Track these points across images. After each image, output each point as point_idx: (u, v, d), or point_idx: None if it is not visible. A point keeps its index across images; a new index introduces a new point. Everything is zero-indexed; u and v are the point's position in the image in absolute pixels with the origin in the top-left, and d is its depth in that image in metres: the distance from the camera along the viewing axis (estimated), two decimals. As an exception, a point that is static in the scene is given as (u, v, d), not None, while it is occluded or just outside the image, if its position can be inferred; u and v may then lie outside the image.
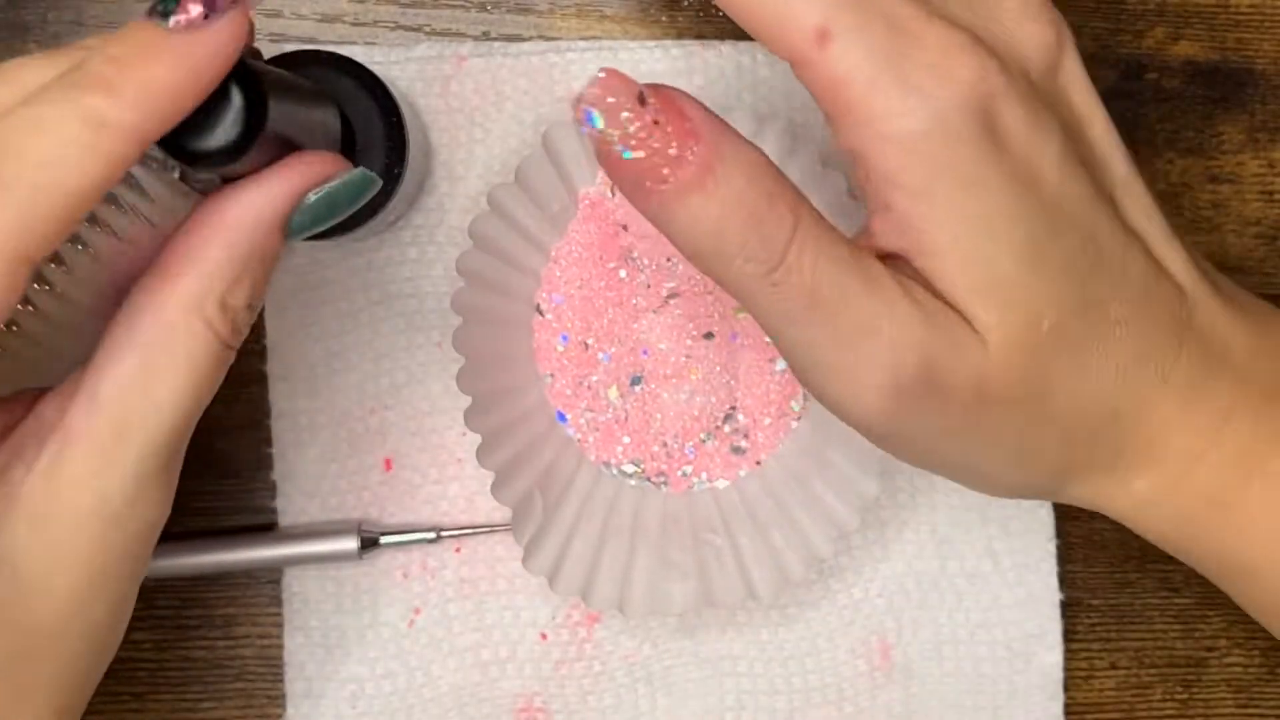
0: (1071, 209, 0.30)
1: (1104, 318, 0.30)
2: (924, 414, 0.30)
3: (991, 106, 0.29)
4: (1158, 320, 0.31)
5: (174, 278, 0.27)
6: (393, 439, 0.41)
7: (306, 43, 0.41)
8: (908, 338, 0.29)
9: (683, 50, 0.41)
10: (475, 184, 0.40)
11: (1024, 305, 0.30)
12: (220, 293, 0.27)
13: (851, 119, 0.29)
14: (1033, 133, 0.30)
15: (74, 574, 0.27)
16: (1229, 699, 0.42)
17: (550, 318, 0.40)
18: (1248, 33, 0.42)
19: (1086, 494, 0.33)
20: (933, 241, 0.29)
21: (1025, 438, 0.31)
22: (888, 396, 0.29)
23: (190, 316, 0.27)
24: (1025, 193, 0.29)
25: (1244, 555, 0.32)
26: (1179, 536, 0.33)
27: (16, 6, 0.40)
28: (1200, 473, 0.32)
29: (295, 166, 0.28)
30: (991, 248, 0.29)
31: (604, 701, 0.41)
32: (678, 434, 0.40)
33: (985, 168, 0.29)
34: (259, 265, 0.28)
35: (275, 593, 0.41)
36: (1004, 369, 0.30)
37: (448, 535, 0.40)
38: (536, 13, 0.41)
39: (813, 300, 0.28)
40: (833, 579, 0.41)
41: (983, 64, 0.29)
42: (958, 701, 0.41)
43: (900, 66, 0.28)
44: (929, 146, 0.28)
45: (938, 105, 0.28)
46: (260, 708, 0.41)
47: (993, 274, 0.29)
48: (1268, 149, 0.43)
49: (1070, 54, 0.31)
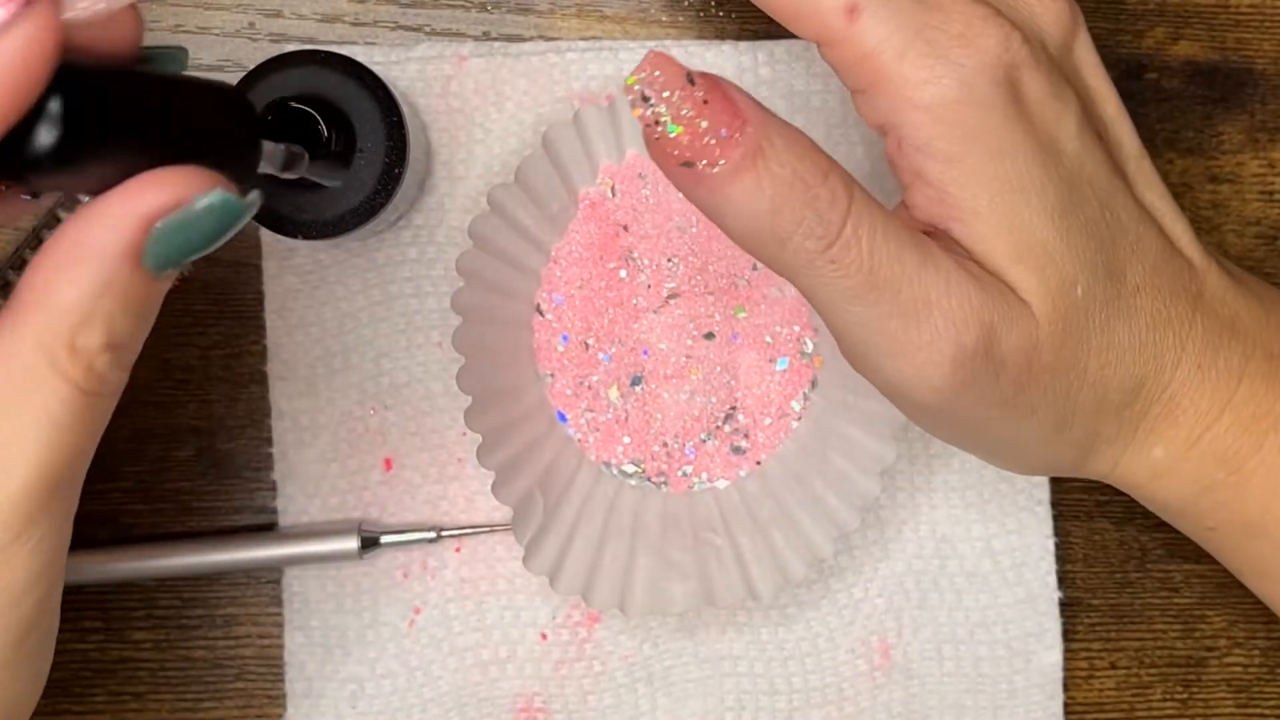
0: (1090, 178, 0.31)
1: (1124, 285, 0.31)
2: (979, 386, 0.30)
3: (1015, 75, 0.30)
4: (1172, 288, 0.32)
5: (21, 313, 0.24)
6: (393, 439, 0.41)
7: (306, 43, 0.41)
8: (967, 308, 0.29)
9: (683, 50, 0.41)
10: (475, 184, 0.40)
11: (1059, 270, 0.30)
12: (68, 333, 0.24)
13: (883, 91, 0.30)
14: (1053, 102, 0.31)
15: None
16: (1229, 699, 0.42)
17: (550, 318, 0.40)
18: (1248, 33, 0.42)
19: (1106, 466, 0.33)
20: (971, 206, 0.30)
21: (1063, 408, 0.31)
22: (950, 369, 0.29)
23: (37, 362, 0.24)
24: (1049, 160, 0.30)
25: (1259, 516, 0.33)
26: (1195, 502, 0.33)
27: (17, 6, 0.40)
28: (1214, 435, 0.32)
29: (138, 187, 0.24)
30: (1026, 212, 0.30)
31: (604, 701, 0.41)
32: (678, 434, 0.40)
33: (1013, 135, 0.30)
34: (116, 302, 0.24)
35: (275, 593, 0.41)
36: (1049, 335, 0.30)
37: (448, 535, 0.40)
38: (536, 13, 0.41)
39: (871, 276, 0.29)
40: (833, 579, 0.41)
41: (1007, 34, 0.30)
42: (958, 701, 0.41)
43: (928, 37, 0.29)
44: (959, 113, 0.29)
45: (965, 72, 0.29)
46: (260, 708, 0.41)
47: (1029, 239, 0.30)
48: (1268, 149, 0.43)
49: (1084, 33, 0.33)
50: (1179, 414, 0.32)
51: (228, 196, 0.25)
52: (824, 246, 0.28)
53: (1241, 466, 0.32)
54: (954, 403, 0.30)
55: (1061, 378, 0.31)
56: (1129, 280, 0.31)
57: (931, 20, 0.30)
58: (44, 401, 0.24)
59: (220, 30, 0.41)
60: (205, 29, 0.41)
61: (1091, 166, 0.31)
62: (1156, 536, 0.42)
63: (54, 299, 0.24)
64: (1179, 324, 0.32)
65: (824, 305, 0.30)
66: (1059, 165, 0.31)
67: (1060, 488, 0.42)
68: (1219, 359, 0.32)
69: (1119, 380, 0.32)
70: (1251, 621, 0.42)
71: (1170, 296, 0.32)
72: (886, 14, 0.29)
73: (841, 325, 0.30)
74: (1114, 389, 0.32)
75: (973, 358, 0.29)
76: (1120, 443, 0.33)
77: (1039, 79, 0.30)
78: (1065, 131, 0.31)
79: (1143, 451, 0.33)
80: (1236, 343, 0.33)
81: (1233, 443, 0.32)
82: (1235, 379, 0.32)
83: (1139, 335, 0.32)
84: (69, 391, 0.24)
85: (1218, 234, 0.43)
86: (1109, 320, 0.31)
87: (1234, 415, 0.32)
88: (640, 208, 0.40)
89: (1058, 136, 0.31)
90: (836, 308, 0.29)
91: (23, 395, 0.24)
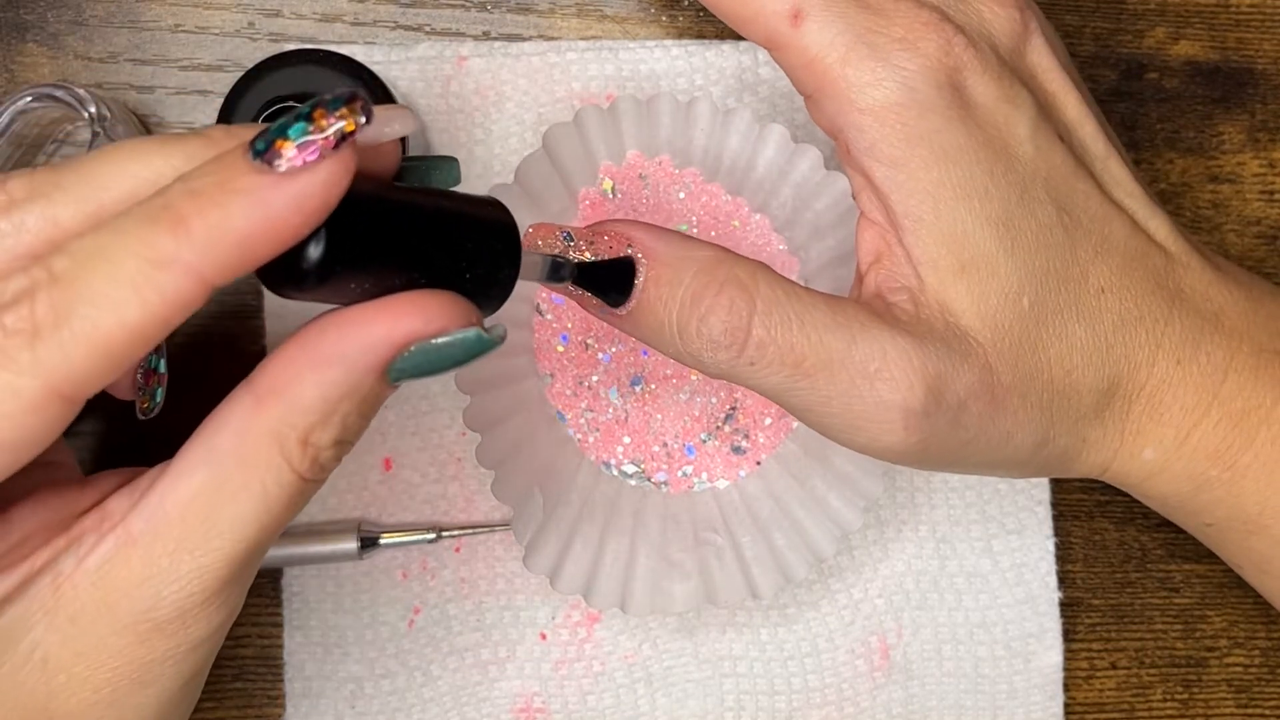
0: (1046, 180, 0.31)
1: (1085, 288, 0.31)
2: (941, 435, 0.30)
3: (959, 79, 0.30)
4: (1144, 286, 0.32)
5: (261, 403, 0.25)
6: (392, 439, 0.41)
7: (306, 43, 0.41)
8: (908, 371, 0.29)
9: (683, 50, 0.41)
10: (475, 184, 0.40)
11: (1001, 284, 0.30)
12: (304, 429, 0.25)
13: (827, 94, 0.30)
14: (1002, 104, 0.31)
15: (104, 675, 0.26)
16: (1229, 699, 0.42)
17: (550, 318, 0.40)
18: (1248, 33, 0.42)
19: (1098, 469, 0.34)
20: (916, 213, 0.30)
21: (1040, 425, 0.31)
22: (904, 433, 0.30)
23: (270, 448, 0.25)
24: (997, 164, 0.31)
25: (1257, 512, 0.33)
26: (1191, 499, 0.33)
27: (16, 6, 0.40)
28: (1203, 432, 0.32)
29: (405, 310, 0.25)
30: (970, 221, 0.30)
31: (603, 701, 0.41)
32: (678, 434, 0.40)
33: (958, 137, 0.30)
34: (353, 406, 0.26)
35: (275, 593, 0.40)
36: (999, 354, 0.30)
37: (447, 535, 0.40)
38: (536, 13, 0.41)
39: (799, 368, 0.30)
40: (833, 579, 0.41)
41: (949, 38, 0.30)
42: (958, 701, 0.41)
43: (871, 41, 0.30)
44: (902, 116, 0.30)
45: (907, 75, 0.30)
46: (260, 707, 0.41)
47: (973, 251, 0.30)
48: (1268, 149, 0.43)
49: (1036, 37, 0.33)
50: (1164, 412, 0.32)
51: (480, 334, 0.26)
52: (735, 354, 0.29)
53: (1235, 462, 0.32)
54: (922, 454, 0.31)
55: (1030, 395, 0.31)
56: (1091, 283, 0.31)
57: (874, 25, 0.30)
58: (264, 484, 0.25)
59: (219, 30, 0.41)
60: (204, 28, 0.41)
61: (1047, 169, 0.31)
62: (1156, 536, 0.42)
63: (297, 396, 0.25)
64: (1152, 321, 0.32)
65: (770, 396, 0.31)
66: (1009, 170, 0.31)
67: (1060, 488, 0.42)
68: (1199, 354, 0.32)
69: (1090, 383, 0.32)
70: (1252, 621, 0.42)
71: (1142, 294, 0.32)
72: (830, 18, 0.30)
73: (792, 410, 0.31)
74: (1086, 393, 0.32)
75: (924, 416, 0.30)
76: (1108, 446, 0.33)
77: (986, 83, 0.31)
78: (1016, 135, 0.31)
79: (1134, 454, 0.33)
80: (1220, 336, 0.33)
81: (1223, 438, 0.32)
82: (1220, 374, 0.32)
83: (1104, 337, 0.31)
84: (291, 479, 0.25)
85: (1218, 234, 0.43)
86: (1066, 326, 0.31)
87: (1222, 410, 0.32)
88: (640, 208, 0.40)
89: (1009, 140, 0.31)
90: (780, 398, 0.30)
91: (247, 473, 0.25)
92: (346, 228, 0.24)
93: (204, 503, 0.25)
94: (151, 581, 0.25)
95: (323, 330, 0.25)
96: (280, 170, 0.23)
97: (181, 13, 0.41)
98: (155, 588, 0.25)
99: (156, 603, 0.25)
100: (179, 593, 0.25)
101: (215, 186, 0.23)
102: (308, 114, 0.23)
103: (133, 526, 0.25)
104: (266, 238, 0.23)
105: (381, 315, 0.25)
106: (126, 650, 0.26)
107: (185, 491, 0.25)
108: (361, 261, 0.25)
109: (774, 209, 0.39)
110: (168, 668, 0.26)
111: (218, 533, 0.25)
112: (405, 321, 0.25)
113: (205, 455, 0.25)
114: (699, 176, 0.39)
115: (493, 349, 0.26)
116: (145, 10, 0.41)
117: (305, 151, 0.23)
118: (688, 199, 0.39)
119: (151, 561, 0.25)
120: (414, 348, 0.25)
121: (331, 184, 0.23)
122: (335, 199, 0.23)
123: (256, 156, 0.23)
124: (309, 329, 0.25)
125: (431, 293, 0.26)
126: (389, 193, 0.26)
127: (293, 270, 0.24)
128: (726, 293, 0.29)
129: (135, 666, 0.26)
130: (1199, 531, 0.35)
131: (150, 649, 0.26)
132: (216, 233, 0.23)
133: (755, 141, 0.38)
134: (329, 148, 0.23)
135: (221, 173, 0.23)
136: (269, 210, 0.23)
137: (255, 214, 0.23)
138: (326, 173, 0.23)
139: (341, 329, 0.25)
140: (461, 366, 0.26)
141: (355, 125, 0.23)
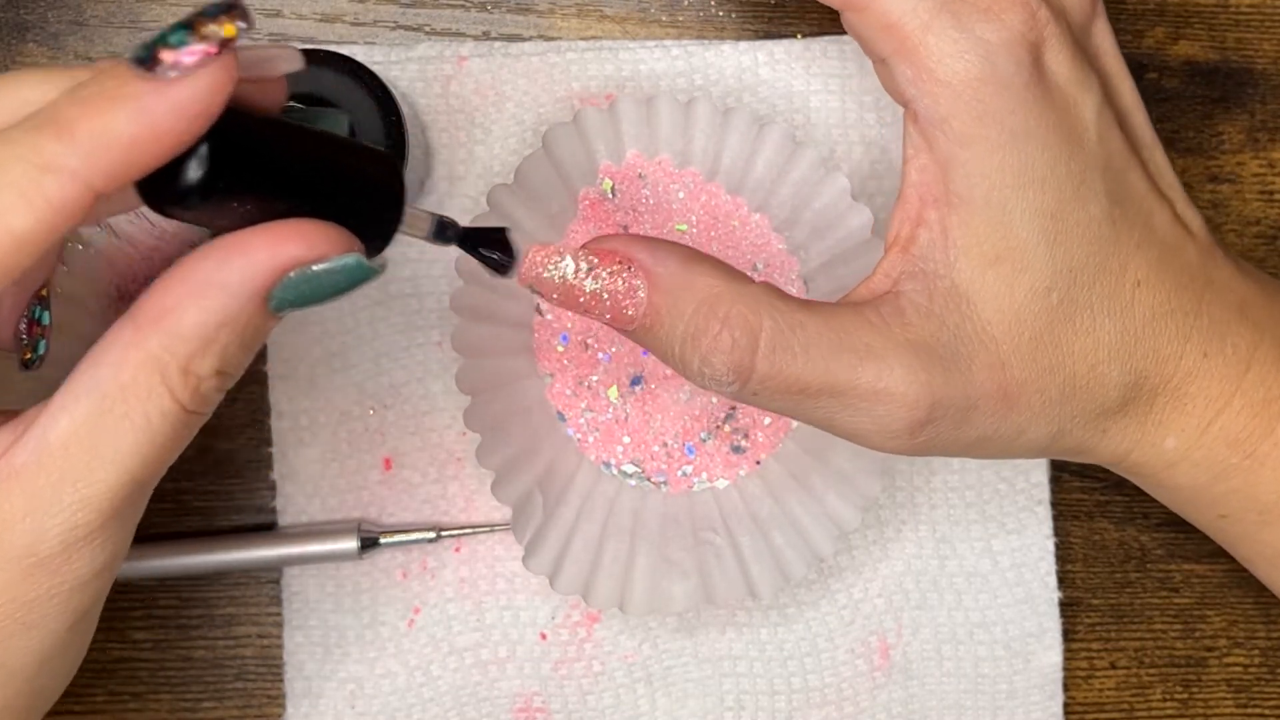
0: (1105, 167, 0.31)
1: (1123, 281, 0.31)
2: (951, 432, 0.31)
3: (1039, 52, 0.30)
4: (1179, 279, 0.32)
5: (141, 330, 0.25)
6: (392, 438, 0.41)
7: (306, 42, 0.41)
8: (912, 389, 0.30)
9: (683, 50, 0.41)
10: (475, 184, 0.40)
11: (1031, 278, 0.30)
12: (185, 356, 0.25)
13: (905, 61, 0.30)
14: (1073, 85, 0.31)
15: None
16: (1229, 699, 0.42)
17: (550, 318, 0.40)
18: (1248, 33, 0.42)
19: (1116, 457, 0.33)
20: (967, 194, 0.30)
21: (1054, 418, 0.32)
22: (911, 436, 0.30)
23: (150, 376, 0.25)
24: (1062, 150, 0.30)
25: (1273, 502, 0.33)
26: (1208, 489, 0.33)
27: (16, 6, 0.40)
28: (1225, 420, 0.32)
29: (283, 236, 0.25)
30: (1018, 212, 0.30)
31: (603, 701, 0.41)
32: (678, 434, 0.40)
33: (1029, 119, 0.30)
34: (234, 334, 0.25)
35: (275, 592, 0.41)
36: (1014, 348, 0.30)
37: (447, 535, 0.40)
38: (536, 13, 0.41)
39: (804, 394, 0.30)
40: (833, 579, 0.41)
41: (1033, 11, 0.30)
42: (958, 701, 0.41)
43: (954, 9, 0.30)
44: (980, 93, 0.30)
45: (989, 48, 0.29)
46: (260, 707, 0.41)
47: (1011, 242, 0.30)
48: (1268, 149, 0.43)
49: (1102, 15, 0.33)
50: (1188, 403, 0.32)
51: (361, 260, 0.26)
52: (739, 386, 0.30)
53: (1255, 450, 0.32)
54: (928, 452, 0.31)
55: (1047, 390, 0.31)
56: (1129, 276, 0.31)
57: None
58: (146, 413, 0.25)
59: (220, 30, 0.41)
60: (205, 29, 0.41)
61: (1106, 156, 0.31)
62: (1156, 536, 0.42)
63: (177, 322, 0.25)
64: (1182, 315, 0.32)
65: (774, 412, 0.31)
66: (1071, 158, 0.30)
67: (1060, 488, 0.42)
68: (1225, 345, 0.32)
69: (1115, 378, 0.31)
70: (1251, 621, 0.42)
71: (1175, 288, 0.32)
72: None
73: (798, 419, 0.31)
74: (1111, 388, 0.32)
75: (928, 424, 0.30)
76: (1129, 437, 0.33)
77: (1063, 58, 0.30)
78: (1084, 119, 0.31)
79: (1155, 443, 0.33)
80: (1245, 327, 0.33)
81: (1244, 427, 0.32)
82: (1244, 364, 0.32)
83: (1134, 331, 0.31)
84: (173, 408, 0.25)
85: (1218, 234, 0.42)
86: (1095, 320, 0.31)
87: (1244, 399, 0.32)
88: (640, 208, 0.40)
89: (1075, 124, 0.31)
90: (785, 414, 0.31)
91: (127, 403, 0.25)
92: (230, 144, 0.24)
93: (86, 433, 0.25)
94: (34, 515, 0.25)
95: (204, 256, 0.25)
96: (163, 76, 0.23)
97: (181, 13, 0.41)
98: (38, 520, 0.25)
99: (40, 536, 0.25)
100: (62, 524, 0.25)
101: (99, 95, 0.23)
102: (188, 23, 0.24)
103: (15, 460, 0.25)
104: (150, 143, 0.23)
105: (262, 241, 0.25)
106: (10, 588, 0.26)
107: (67, 423, 0.25)
108: (244, 181, 0.25)
109: (773, 208, 0.39)
110: (53, 606, 0.26)
111: (100, 463, 0.25)
112: (286, 247, 0.25)
113: (87, 386, 0.25)
114: (699, 176, 0.39)
115: (373, 278, 0.26)
116: (145, 10, 0.41)
117: (184, 55, 0.23)
118: (687, 199, 0.39)
119: (34, 494, 0.25)
120: (294, 274, 0.25)
121: (214, 89, 0.23)
122: (217, 106, 0.23)
123: (139, 65, 0.23)
124: (190, 257, 0.25)
125: (313, 221, 0.26)
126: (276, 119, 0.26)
127: (175, 185, 0.24)
128: (728, 331, 0.29)
129: (18, 605, 0.26)
130: (1212, 525, 0.35)
131: (34, 585, 0.26)
132: (101, 138, 0.23)
133: (754, 141, 0.38)
134: (210, 55, 0.23)
135: (106, 82, 0.24)
136: (152, 116, 0.23)
137: (139, 119, 0.23)
138: (209, 78, 0.23)
139: (222, 255, 0.25)
140: (342, 295, 0.26)
141: (235, 31, 0.24)
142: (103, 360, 0.25)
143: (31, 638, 0.26)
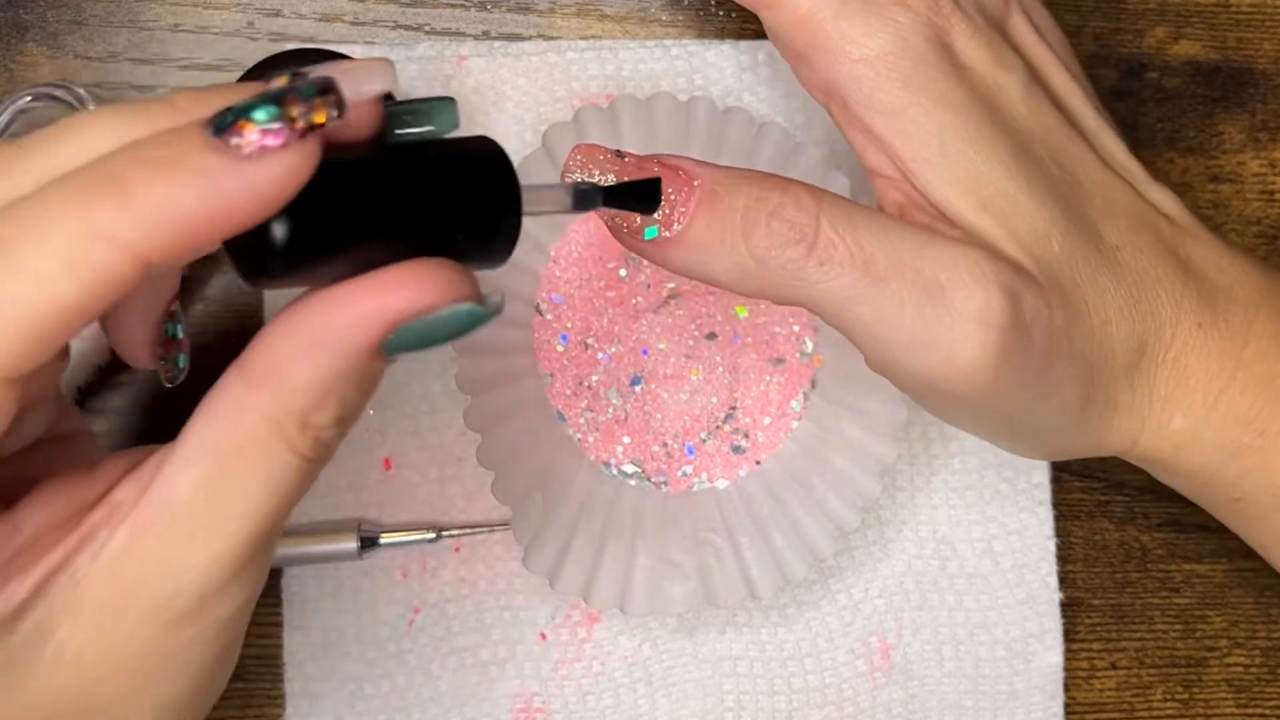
0: (1042, 140, 0.31)
1: (1103, 242, 0.31)
2: (1012, 363, 0.29)
3: (948, 40, 0.31)
4: (1156, 249, 0.32)
5: (254, 387, 0.24)
6: (392, 438, 0.41)
7: (306, 42, 0.41)
8: (984, 279, 0.28)
9: (682, 50, 0.41)
10: (475, 183, 0.40)
11: (1028, 221, 0.30)
12: (301, 412, 0.24)
13: (820, 49, 0.31)
14: (993, 67, 0.31)
15: (136, 663, 0.25)
16: (1229, 699, 0.42)
17: (550, 318, 0.40)
18: (1248, 32, 0.42)
19: (1126, 441, 0.33)
20: (922, 154, 0.30)
21: (1084, 378, 0.31)
22: (980, 351, 0.29)
23: (268, 434, 0.24)
24: (993, 117, 0.31)
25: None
26: (1221, 470, 0.33)
27: (16, 6, 0.40)
28: (1231, 397, 0.32)
29: (391, 288, 0.23)
30: (979, 162, 0.30)
31: (603, 702, 0.41)
32: (678, 434, 0.40)
33: (953, 88, 0.30)
34: (350, 386, 0.24)
35: (275, 592, 0.40)
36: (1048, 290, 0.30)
37: (447, 535, 0.40)
38: (536, 12, 0.41)
39: (868, 270, 0.28)
40: (833, 579, 0.41)
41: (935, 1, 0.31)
42: (958, 702, 0.41)
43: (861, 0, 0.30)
44: (898, 64, 0.30)
45: (899, 26, 0.30)
46: (260, 707, 0.41)
47: (990, 189, 0.30)
48: (1268, 148, 0.43)
49: (1016, 11, 0.33)
50: (1189, 377, 0.32)
51: (474, 309, 0.24)
52: (805, 251, 0.28)
53: (1266, 429, 0.32)
54: (988, 387, 0.29)
55: (1076, 340, 0.30)
56: (1106, 239, 0.31)
57: None
58: (269, 471, 0.24)
59: (219, 29, 0.41)
60: (204, 28, 0.41)
61: (1042, 131, 0.31)
62: (1156, 536, 0.42)
63: (289, 380, 0.24)
64: (1169, 283, 0.32)
65: (832, 314, 0.29)
66: (1006, 124, 0.31)
67: (1060, 488, 0.42)
68: (1218, 319, 0.32)
69: (1122, 337, 0.31)
70: (1252, 621, 0.42)
71: (1155, 256, 0.32)
72: None
73: (856, 332, 0.29)
74: (1120, 347, 0.31)
75: (1001, 332, 0.29)
76: (1137, 414, 0.32)
77: (975, 45, 0.31)
78: (1009, 96, 0.31)
79: (1162, 423, 0.32)
80: (1236, 305, 0.32)
81: (1251, 404, 0.32)
82: (1241, 339, 0.32)
83: (1130, 291, 0.31)
84: (294, 461, 0.25)
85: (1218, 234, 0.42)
86: (1095, 275, 0.31)
87: (1247, 375, 0.32)
88: (640, 207, 0.40)
89: (1003, 97, 0.31)
90: (844, 314, 0.29)
91: (249, 458, 0.24)
92: (313, 208, 0.22)
93: (210, 492, 0.24)
94: (168, 572, 0.25)
95: (308, 311, 0.24)
96: (240, 153, 0.21)
97: (181, 12, 0.41)
98: (173, 578, 0.25)
99: (176, 592, 0.25)
100: (196, 580, 0.25)
101: (166, 160, 0.21)
102: (277, 98, 0.22)
103: (142, 518, 0.25)
104: (214, 223, 0.22)
105: (367, 295, 0.23)
106: (154, 640, 0.25)
107: (189, 481, 0.24)
108: (334, 243, 0.23)
109: (774, 209, 0.39)
110: (197, 650, 0.26)
111: (227, 519, 0.25)
112: (393, 300, 0.23)
113: (204, 444, 0.24)
114: (699, 176, 0.39)
115: (489, 320, 0.25)
116: (145, 10, 0.41)
117: (269, 137, 0.21)
118: (687, 199, 0.39)
119: (165, 553, 0.25)
120: (406, 324, 0.24)
121: (291, 175, 0.22)
122: (293, 191, 0.22)
123: (216, 133, 0.22)
124: (294, 308, 0.24)
125: (421, 265, 0.24)
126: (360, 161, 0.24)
127: (258, 258, 0.22)
128: (793, 192, 0.29)
129: (166, 654, 0.25)
130: (1226, 509, 0.34)
131: (177, 635, 0.25)
132: (161, 211, 0.21)
133: (754, 141, 0.38)
134: (295, 137, 0.22)
135: (176, 145, 0.22)
136: (221, 194, 0.21)
137: (206, 196, 0.21)
138: (289, 163, 0.22)
139: (327, 310, 0.24)
140: (460, 338, 0.25)
141: (326, 118, 0.22)
142: (216, 419, 0.24)
143: (180, 679, 0.26)
